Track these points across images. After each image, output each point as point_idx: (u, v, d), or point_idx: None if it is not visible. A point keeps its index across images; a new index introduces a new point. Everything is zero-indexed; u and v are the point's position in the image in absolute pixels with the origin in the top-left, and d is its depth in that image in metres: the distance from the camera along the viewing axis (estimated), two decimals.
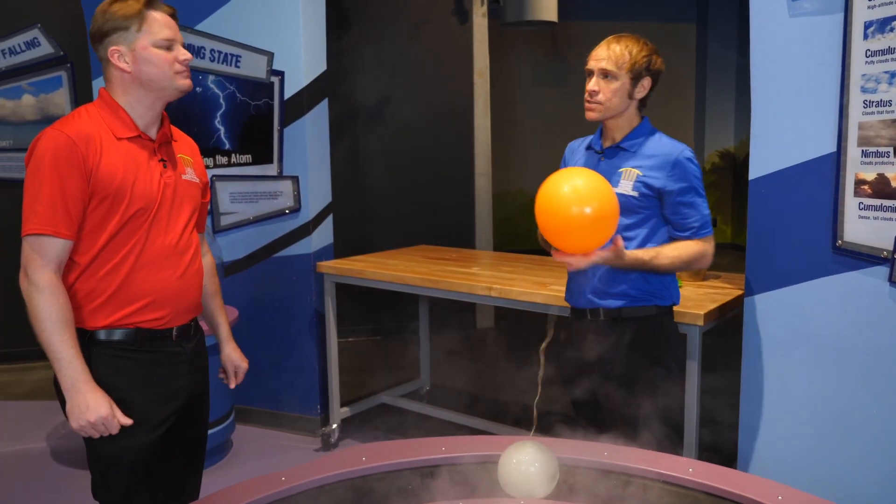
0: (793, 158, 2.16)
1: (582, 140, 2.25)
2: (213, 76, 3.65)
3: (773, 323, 2.26)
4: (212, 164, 3.72)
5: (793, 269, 2.19)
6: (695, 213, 2.09)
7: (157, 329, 1.81)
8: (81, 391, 1.66)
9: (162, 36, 1.73)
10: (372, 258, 3.67)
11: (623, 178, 2.08)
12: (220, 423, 3.38)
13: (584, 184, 1.81)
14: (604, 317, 2.14)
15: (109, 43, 1.73)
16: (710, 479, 1.65)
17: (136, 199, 1.72)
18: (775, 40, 2.17)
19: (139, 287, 1.76)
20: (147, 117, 1.78)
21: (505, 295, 2.89)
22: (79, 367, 1.66)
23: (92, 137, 1.68)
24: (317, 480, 1.69)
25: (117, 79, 1.75)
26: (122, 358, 1.77)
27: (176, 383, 1.86)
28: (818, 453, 2.23)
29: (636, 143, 2.10)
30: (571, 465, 1.77)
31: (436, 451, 1.81)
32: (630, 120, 2.11)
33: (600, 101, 2.05)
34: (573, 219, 1.79)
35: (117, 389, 1.74)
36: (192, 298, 1.87)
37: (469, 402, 4.12)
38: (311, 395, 3.74)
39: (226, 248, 3.75)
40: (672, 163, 2.05)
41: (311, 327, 3.69)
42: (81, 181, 1.66)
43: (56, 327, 1.64)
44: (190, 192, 1.87)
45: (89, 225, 1.70)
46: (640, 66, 2.04)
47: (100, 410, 1.66)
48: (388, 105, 5.41)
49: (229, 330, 2.15)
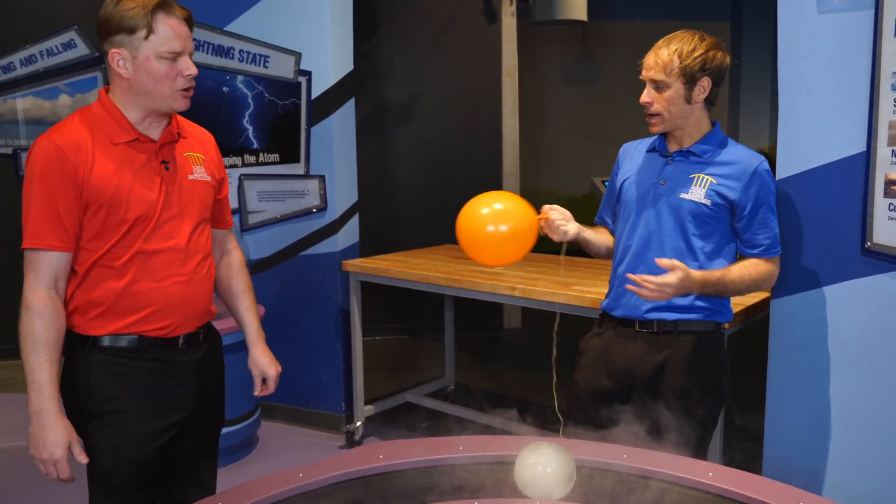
0: (821, 158, 2.11)
1: (639, 142, 2.13)
2: (242, 76, 3.70)
3: (799, 326, 2.22)
4: (240, 164, 3.77)
5: (820, 272, 2.15)
6: (766, 231, 1.95)
7: (162, 337, 1.72)
8: (43, 423, 1.57)
9: (168, 48, 1.61)
10: (397, 257, 3.68)
11: (695, 184, 1.94)
12: (245, 419, 3.42)
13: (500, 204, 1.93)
14: (657, 329, 2.00)
15: (112, 43, 1.62)
16: (730, 483, 1.63)
17: (133, 206, 1.64)
18: (803, 37, 2.13)
19: (142, 296, 1.68)
20: (146, 122, 1.69)
21: (528, 295, 2.88)
22: (47, 393, 1.57)
23: (83, 144, 1.60)
24: (334, 477, 1.70)
25: (115, 81, 1.66)
26: (123, 366, 1.69)
27: (179, 394, 1.77)
28: (845, 459, 2.18)
29: (709, 149, 1.97)
30: (589, 467, 1.76)
31: (453, 451, 1.81)
32: (699, 124, 1.98)
33: (657, 111, 1.93)
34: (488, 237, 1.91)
35: (114, 398, 1.68)
36: (200, 305, 1.78)
37: (493, 402, 4.11)
38: (335, 393, 3.77)
39: (253, 246, 3.79)
40: (750, 174, 1.92)
41: (336, 325, 3.72)
42: (73, 191, 1.59)
43: (35, 348, 1.57)
44: (198, 192, 1.77)
45: (87, 234, 1.63)
46: (693, 68, 1.89)
47: (53, 451, 1.57)
48: (417, 105, 5.42)
49: (260, 331, 2.00)
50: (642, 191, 2.02)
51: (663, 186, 1.98)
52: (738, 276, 1.92)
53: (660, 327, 2.00)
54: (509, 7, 5.42)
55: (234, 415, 3.33)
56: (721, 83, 1.97)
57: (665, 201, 1.97)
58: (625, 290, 1.99)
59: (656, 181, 2.00)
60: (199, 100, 3.71)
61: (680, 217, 1.95)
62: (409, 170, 5.46)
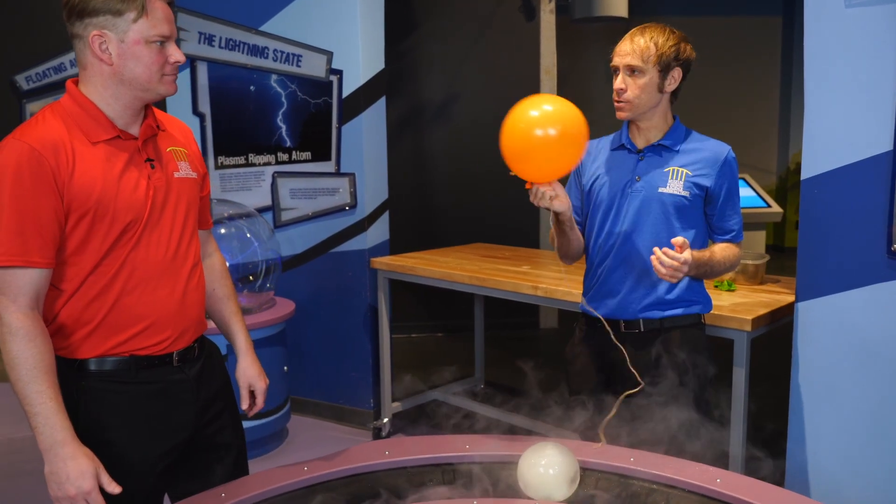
0: (846, 157, 2.04)
1: (599, 140, 2.12)
2: (276, 75, 3.76)
3: (823, 330, 2.15)
4: (273, 161, 3.83)
5: (845, 274, 2.08)
6: (735, 216, 2.01)
7: (155, 356, 1.57)
8: (61, 455, 1.38)
9: (159, 32, 1.47)
10: (426, 255, 3.69)
11: (671, 177, 1.96)
12: (275, 413, 3.48)
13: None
14: (644, 328, 2.00)
15: (92, 24, 1.43)
16: (738, 490, 1.59)
17: (120, 212, 1.47)
18: (830, 32, 2.06)
19: (133, 311, 1.52)
20: (126, 115, 1.52)
21: (550, 294, 2.85)
22: (58, 423, 1.39)
23: (60, 144, 1.42)
24: (338, 472, 1.72)
25: (93, 67, 1.47)
26: (115, 392, 1.54)
27: (178, 417, 1.62)
28: (870, 468, 2.10)
29: (678, 141, 1.99)
30: (595, 470, 1.74)
31: (459, 449, 1.81)
32: (665, 116, 2.00)
33: (629, 98, 1.95)
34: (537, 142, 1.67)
35: (107, 429, 1.53)
36: (194, 316, 1.63)
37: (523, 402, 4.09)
38: (364, 389, 3.81)
39: (285, 242, 3.85)
40: (721, 162, 1.97)
41: (365, 322, 3.75)
42: (53, 198, 1.40)
43: (31, 376, 1.38)
44: (185, 191, 1.61)
45: (70, 247, 1.46)
46: (668, 56, 1.92)
47: (81, 483, 1.39)
48: (454, 103, 5.42)
49: (248, 340, 1.83)
50: (616, 189, 2.01)
51: (639, 183, 1.99)
52: (721, 257, 1.98)
53: (646, 326, 2.00)
54: (548, 4, 5.37)
55: (263, 408, 3.38)
56: (686, 76, 1.99)
57: (643, 197, 1.97)
58: (608, 290, 2.02)
59: (630, 178, 2.00)
60: (235, 99, 3.81)
61: (662, 211, 1.96)
62: (446, 168, 5.47)
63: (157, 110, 1.66)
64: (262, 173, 3.87)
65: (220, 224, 3.62)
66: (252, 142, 3.86)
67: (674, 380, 1.97)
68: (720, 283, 2.76)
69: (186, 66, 3.85)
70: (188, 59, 3.82)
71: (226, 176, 3.92)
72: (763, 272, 2.88)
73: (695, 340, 2.03)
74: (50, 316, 1.50)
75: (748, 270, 2.84)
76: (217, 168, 3.92)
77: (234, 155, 3.90)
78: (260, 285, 3.60)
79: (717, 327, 2.40)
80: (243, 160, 3.89)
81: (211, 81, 3.85)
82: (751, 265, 2.84)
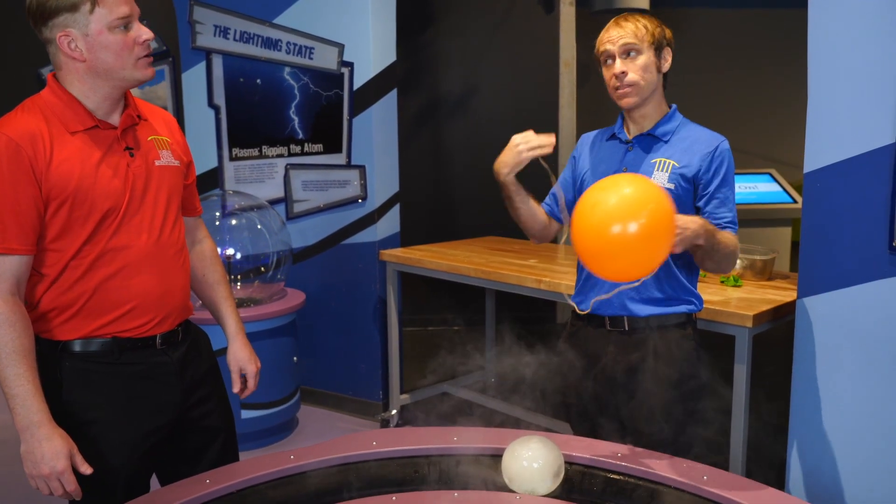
0: (848, 151, 1.99)
1: (598, 132, 2.07)
2: (289, 68, 3.78)
3: (825, 327, 2.10)
4: (286, 153, 3.86)
5: (847, 270, 2.03)
6: (725, 210, 1.88)
7: (137, 338, 1.60)
8: (36, 436, 1.43)
9: (118, 14, 1.47)
10: (434, 248, 3.69)
11: (657, 169, 1.89)
12: (284, 402, 3.52)
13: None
14: (628, 327, 1.94)
15: (56, 25, 1.46)
16: (725, 488, 1.56)
17: (99, 199, 1.51)
18: (833, 20, 2.00)
19: (115, 295, 1.56)
20: (105, 106, 1.55)
21: (554, 288, 2.83)
22: (35, 405, 1.44)
23: (38, 135, 1.46)
24: (325, 461, 1.73)
25: (68, 66, 1.51)
26: (98, 373, 1.57)
27: (161, 398, 1.65)
28: (872, 466, 2.06)
29: (668, 130, 1.91)
30: (580, 464, 1.72)
31: (447, 441, 1.81)
32: (659, 104, 1.93)
33: (633, 81, 1.84)
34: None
35: (90, 408, 1.56)
36: (176, 301, 1.66)
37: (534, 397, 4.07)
38: (373, 381, 3.82)
39: (296, 234, 3.88)
40: (712, 152, 1.87)
41: (374, 314, 3.77)
42: (31, 187, 1.45)
43: (10, 360, 1.43)
44: (167, 178, 1.64)
45: (50, 234, 1.50)
46: (659, 36, 1.86)
47: (55, 464, 1.44)
48: (473, 96, 5.40)
49: (239, 324, 1.86)
50: None
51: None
52: (723, 236, 1.82)
53: (631, 325, 1.93)
54: None
55: (272, 398, 3.43)
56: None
57: None
58: (592, 285, 1.95)
59: (618, 169, 1.93)
60: (249, 91, 3.85)
61: None
62: (464, 161, 5.45)
63: (140, 101, 1.69)
64: (275, 165, 3.90)
65: (231, 216, 3.66)
66: (265, 134, 3.89)
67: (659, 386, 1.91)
68: (726, 279, 2.72)
69: (202, 59, 3.90)
70: (204, 52, 3.87)
71: (240, 168, 3.96)
72: (772, 268, 2.83)
73: (683, 343, 1.93)
74: (33, 300, 1.55)
75: (756, 266, 2.78)
76: (231, 160, 3.96)
77: (248, 147, 3.93)
78: (271, 276, 3.63)
79: (719, 323, 2.36)
80: (257, 152, 3.92)
81: (226, 74, 3.89)
82: (759, 260, 2.79)
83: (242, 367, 1.85)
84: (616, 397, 1.98)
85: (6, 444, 3.42)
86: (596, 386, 2.02)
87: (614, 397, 1.98)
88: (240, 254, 3.59)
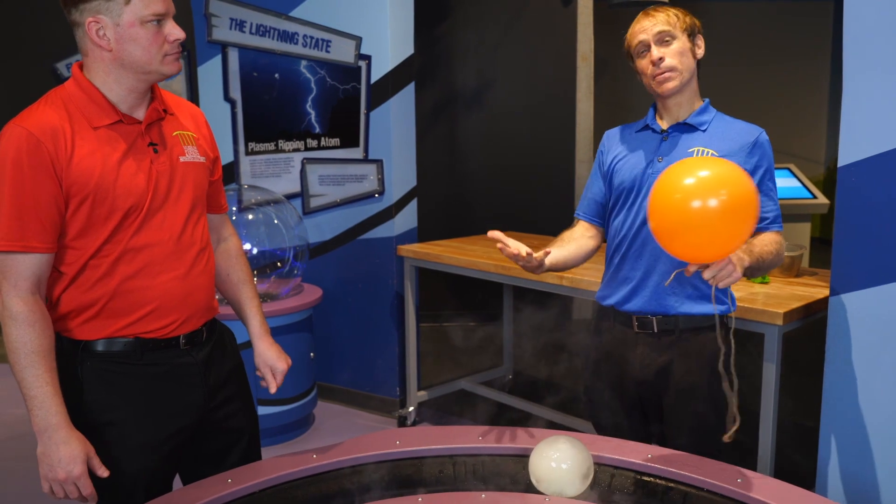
0: (885, 144, 1.93)
1: (623, 127, 2.01)
2: (306, 61, 3.74)
3: (859, 325, 2.05)
4: (303, 147, 3.83)
5: (882, 267, 1.97)
6: (771, 203, 1.83)
7: (160, 338, 1.56)
8: (53, 439, 1.41)
9: (153, 10, 1.44)
10: (452, 243, 3.65)
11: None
12: (301, 399, 3.49)
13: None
14: (657, 328, 1.88)
15: (87, 10, 1.42)
16: (758, 491, 1.52)
17: (121, 196, 1.47)
18: (870, 10, 1.94)
19: (136, 295, 1.52)
20: (130, 99, 1.51)
21: (576, 285, 2.79)
22: (53, 408, 1.42)
23: (59, 130, 1.42)
24: (348, 460, 1.70)
25: (93, 54, 1.46)
26: (120, 373, 1.54)
27: (184, 399, 1.61)
28: None
29: (705, 120, 1.87)
30: (610, 466, 1.68)
31: (472, 441, 1.77)
32: (694, 93, 1.89)
33: (672, 65, 1.80)
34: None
35: (110, 409, 1.53)
36: (200, 301, 1.62)
37: (551, 393, 4.03)
38: (390, 377, 3.79)
39: (313, 229, 3.85)
40: (752, 143, 1.82)
41: (392, 310, 3.73)
42: (51, 184, 1.41)
43: (30, 360, 1.41)
44: (192, 175, 1.59)
45: (72, 231, 1.47)
46: (690, 22, 1.84)
47: (72, 468, 1.42)
48: (489, 90, 5.35)
49: (264, 323, 1.83)
50: (637, 171, 1.88)
51: (661, 164, 1.85)
52: (761, 250, 1.74)
53: (660, 326, 1.88)
54: None
55: (289, 394, 3.41)
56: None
57: None
58: (624, 277, 1.92)
59: (653, 159, 1.87)
60: (266, 85, 3.81)
61: None
62: (481, 155, 5.40)
63: (167, 93, 1.65)
64: (292, 159, 3.86)
65: (248, 210, 3.63)
66: (282, 128, 3.86)
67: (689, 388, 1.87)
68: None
69: (218, 53, 3.87)
70: (220, 46, 3.84)
71: (256, 162, 3.93)
72: (799, 264, 2.77)
73: (713, 341, 1.84)
74: (53, 298, 1.52)
75: (783, 263, 2.73)
76: (247, 154, 3.93)
77: (264, 141, 3.90)
78: (287, 271, 3.60)
79: (748, 321, 2.31)
80: (273, 146, 3.89)
81: (242, 68, 3.86)
82: (786, 257, 2.73)
83: (273, 366, 1.81)
84: (644, 398, 1.94)
85: (24, 439, 3.41)
86: (623, 385, 1.97)
87: (641, 398, 1.94)
88: (256, 249, 3.57)
